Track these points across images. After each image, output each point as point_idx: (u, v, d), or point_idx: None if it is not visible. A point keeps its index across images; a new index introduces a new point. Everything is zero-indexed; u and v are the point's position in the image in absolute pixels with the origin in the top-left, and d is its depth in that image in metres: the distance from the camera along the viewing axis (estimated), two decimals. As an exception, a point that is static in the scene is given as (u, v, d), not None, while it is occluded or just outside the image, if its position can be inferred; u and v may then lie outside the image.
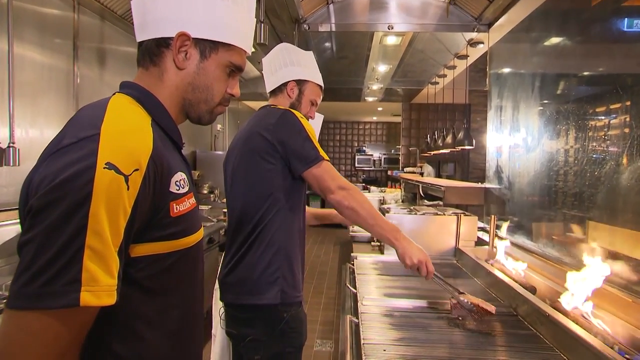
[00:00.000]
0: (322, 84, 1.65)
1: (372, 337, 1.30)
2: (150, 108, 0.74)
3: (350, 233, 3.08)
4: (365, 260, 2.31)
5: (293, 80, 1.56)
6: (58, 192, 0.56)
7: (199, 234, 0.80)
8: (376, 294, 1.75)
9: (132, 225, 0.62)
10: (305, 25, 3.14)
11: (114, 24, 2.81)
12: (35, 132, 2.19)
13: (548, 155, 2.06)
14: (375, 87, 5.80)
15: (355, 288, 1.79)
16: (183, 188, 0.72)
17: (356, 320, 1.41)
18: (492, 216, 2.39)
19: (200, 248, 0.82)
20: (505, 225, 2.41)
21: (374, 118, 9.65)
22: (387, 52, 4.10)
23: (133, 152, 0.62)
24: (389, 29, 3.20)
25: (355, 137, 10.04)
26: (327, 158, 1.39)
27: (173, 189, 0.70)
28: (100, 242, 0.57)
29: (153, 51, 0.76)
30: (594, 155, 1.67)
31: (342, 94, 6.44)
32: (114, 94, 0.75)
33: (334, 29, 3.25)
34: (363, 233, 2.96)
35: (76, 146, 0.59)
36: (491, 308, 1.40)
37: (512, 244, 2.26)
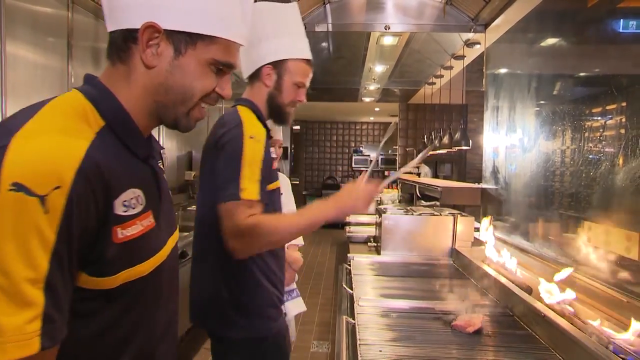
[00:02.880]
0: (309, 56, 1.29)
1: (368, 337, 1.30)
2: (106, 111, 0.62)
3: (347, 234, 3.08)
4: (361, 261, 2.31)
5: (268, 64, 1.24)
6: None
7: (160, 256, 0.68)
8: (372, 295, 1.76)
9: (63, 254, 0.51)
10: (301, 25, 3.14)
11: (109, 23, 2.82)
12: (28, 132, 2.19)
13: (544, 155, 2.07)
14: (372, 87, 5.81)
15: (351, 289, 1.79)
16: (134, 208, 0.61)
17: (352, 321, 1.41)
18: (489, 216, 2.40)
19: (163, 271, 0.70)
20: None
21: (371, 118, 9.66)
22: (384, 52, 4.11)
23: (51, 166, 0.50)
24: (385, 29, 3.21)
25: (352, 138, 10.05)
26: (253, 197, 1.09)
27: (119, 210, 0.59)
28: (4, 279, 0.47)
29: (119, 45, 0.64)
30: (590, 156, 1.68)
31: (339, 94, 6.44)
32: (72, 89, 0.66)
33: (330, 29, 3.25)
34: (360, 234, 2.97)
35: None
36: None
37: (509, 244, 2.28)
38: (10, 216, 0.47)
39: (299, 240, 2.14)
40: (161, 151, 0.83)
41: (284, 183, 2.11)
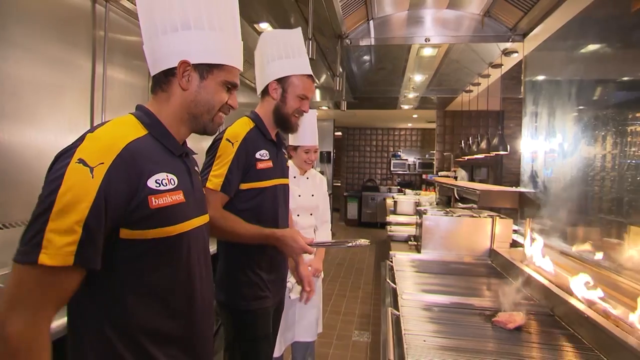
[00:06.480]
0: (308, 72, 1.39)
1: (412, 328, 1.30)
2: (148, 124, 0.84)
3: (388, 233, 3.06)
4: (402, 258, 2.29)
5: (274, 80, 1.36)
6: (45, 181, 0.71)
7: (186, 225, 0.84)
8: (414, 290, 1.74)
9: (100, 207, 0.70)
10: (347, 40, 3.17)
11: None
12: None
13: (585, 160, 1.95)
14: (411, 95, 5.71)
15: (394, 283, 1.79)
16: (165, 185, 0.80)
17: (397, 313, 1.41)
18: (528, 219, 2.29)
19: (188, 237, 0.85)
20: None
21: (409, 125, 9.48)
22: (423, 62, 4.03)
23: (100, 150, 0.73)
24: (425, 41, 3.16)
25: (391, 143, 9.91)
26: (213, 188, 1.25)
27: (152, 184, 0.78)
28: (62, 218, 0.67)
29: (162, 80, 0.86)
30: (634, 161, 1.56)
31: (379, 103, 6.39)
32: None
33: (373, 43, 3.25)
34: (400, 233, 2.94)
35: (67, 147, 0.74)
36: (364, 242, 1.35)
37: (547, 246, 2.15)
38: (71, 176, 0.69)
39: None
40: (193, 156, 1.00)
41: (315, 181, 2.11)
